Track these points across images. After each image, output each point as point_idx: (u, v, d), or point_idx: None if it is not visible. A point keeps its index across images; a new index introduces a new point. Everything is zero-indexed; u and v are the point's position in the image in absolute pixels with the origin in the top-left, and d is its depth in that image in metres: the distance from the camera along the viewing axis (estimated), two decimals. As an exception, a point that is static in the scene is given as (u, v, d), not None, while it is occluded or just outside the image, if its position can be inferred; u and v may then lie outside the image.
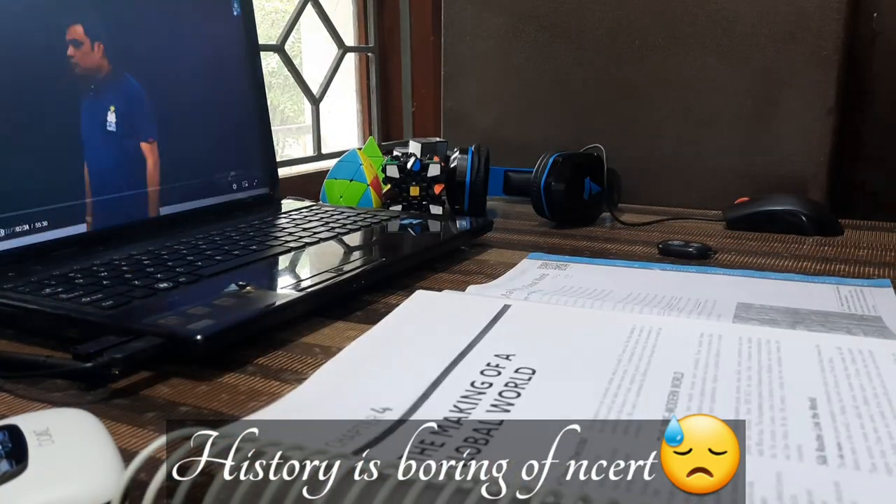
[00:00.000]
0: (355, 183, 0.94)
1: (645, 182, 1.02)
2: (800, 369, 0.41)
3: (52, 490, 0.30)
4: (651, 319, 0.49)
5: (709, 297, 0.58)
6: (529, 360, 0.43)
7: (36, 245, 0.64)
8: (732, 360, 0.43)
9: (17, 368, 0.46)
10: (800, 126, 0.95)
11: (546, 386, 0.40)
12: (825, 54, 0.92)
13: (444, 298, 0.55)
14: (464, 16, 1.13)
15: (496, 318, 0.49)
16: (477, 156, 0.89)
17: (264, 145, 0.89)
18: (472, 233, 0.79)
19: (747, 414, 0.36)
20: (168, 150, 0.77)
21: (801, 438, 0.34)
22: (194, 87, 0.81)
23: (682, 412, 0.36)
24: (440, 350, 0.44)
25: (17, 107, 0.64)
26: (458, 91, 1.16)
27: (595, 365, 0.42)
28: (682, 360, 0.42)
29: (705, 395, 0.38)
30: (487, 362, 0.43)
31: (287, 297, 0.55)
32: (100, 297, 0.53)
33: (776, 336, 0.46)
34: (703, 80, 0.99)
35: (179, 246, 0.67)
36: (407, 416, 0.36)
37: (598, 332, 0.47)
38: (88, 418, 0.36)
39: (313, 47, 1.39)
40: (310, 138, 1.30)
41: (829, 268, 0.70)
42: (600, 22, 1.03)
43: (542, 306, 0.54)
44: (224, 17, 0.85)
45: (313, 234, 0.73)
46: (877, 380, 0.40)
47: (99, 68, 0.71)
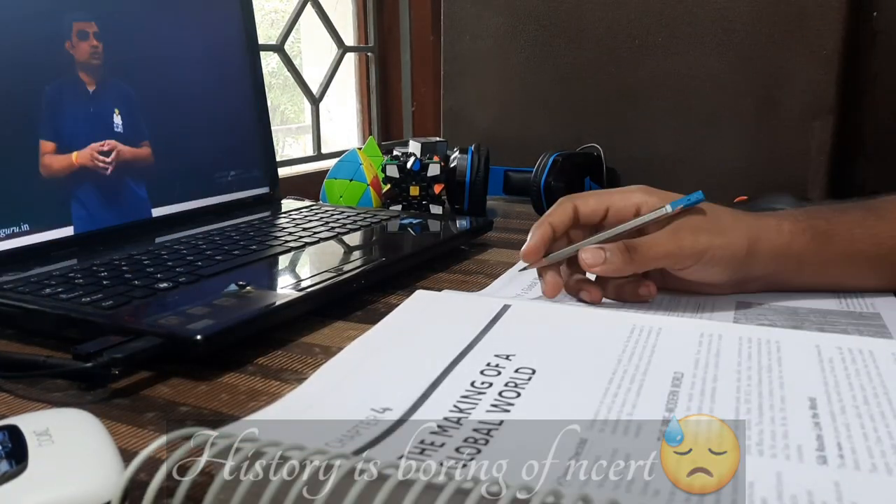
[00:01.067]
0: (355, 183, 0.94)
1: (645, 182, 1.02)
2: (800, 369, 0.41)
3: (52, 490, 0.30)
4: (651, 319, 0.49)
5: (708, 298, 0.58)
6: (529, 359, 0.43)
7: (36, 245, 0.64)
8: (732, 360, 0.42)
9: (17, 368, 0.46)
10: (799, 126, 0.95)
11: (546, 386, 0.39)
12: (825, 54, 0.92)
13: (444, 298, 0.55)
14: (464, 15, 1.13)
15: (496, 318, 0.49)
16: (477, 155, 0.89)
17: (264, 145, 0.89)
18: (471, 232, 0.79)
19: (747, 414, 0.36)
20: (168, 150, 0.77)
21: (802, 438, 0.34)
22: (194, 87, 0.81)
23: (682, 412, 0.36)
24: (440, 350, 0.44)
25: (18, 104, 0.65)
26: (458, 91, 1.16)
27: (595, 365, 0.42)
28: (683, 360, 0.42)
29: (705, 394, 0.38)
30: (487, 362, 0.42)
31: (287, 297, 0.55)
32: (100, 297, 0.53)
33: (776, 336, 0.46)
34: (703, 80, 0.99)
35: (179, 246, 0.67)
36: (407, 416, 0.36)
37: (598, 332, 0.47)
38: (88, 418, 0.36)
39: (313, 47, 1.39)
40: (310, 138, 1.30)
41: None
42: (600, 21, 1.03)
43: (542, 305, 0.54)
44: (224, 18, 0.85)
45: (313, 233, 0.73)
46: (877, 379, 0.40)
47: (98, 68, 0.71)
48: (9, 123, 0.64)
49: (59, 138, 0.67)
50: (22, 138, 0.65)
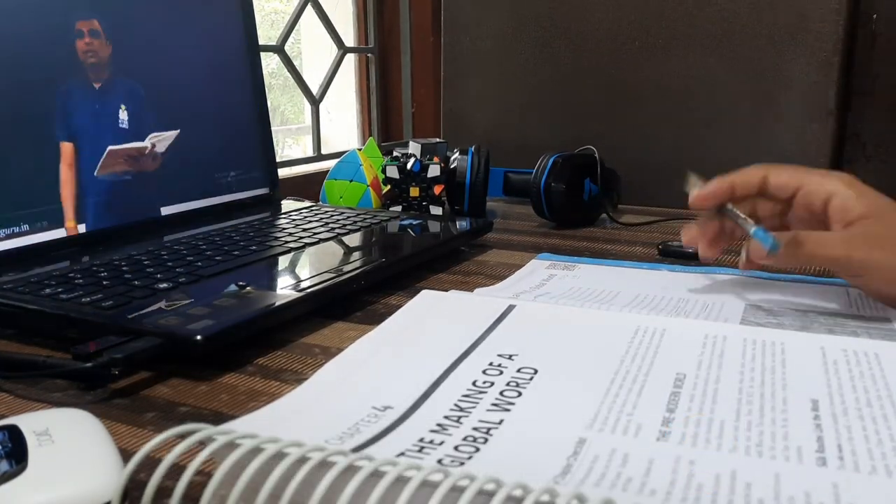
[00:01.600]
0: (355, 183, 0.94)
1: (645, 182, 1.02)
2: (803, 371, 0.41)
3: (52, 490, 0.30)
4: (656, 320, 0.49)
5: (717, 300, 0.58)
6: (532, 360, 0.43)
7: (36, 245, 0.64)
8: (736, 362, 0.42)
9: (17, 368, 0.46)
10: (799, 128, 0.95)
11: (547, 386, 0.40)
12: (825, 56, 0.92)
13: (449, 298, 0.54)
14: (464, 17, 1.13)
15: (500, 318, 0.49)
16: (477, 157, 0.89)
17: (264, 146, 0.89)
18: (471, 233, 0.79)
19: (748, 415, 0.36)
20: (167, 149, 0.77)
21: (802, 440, 0.34)
22: (194, 87, 0.81)
23: (683, 413, 0.36)
24: (443, 349, 0.44)
25: (20, 105, 0.65)
26: (457, 92, 1.16)
27: (597, 365, 0.42)
28: (685, 361, 0.42)
29: (707, 395, 0.38)
30: (490, 361, 0.43)
31: (287, 297, 0.55)
32: (100, 297, 0.53)
33: (781, 338, 0.46)
34: (703, 81, 0.99)
35: (179, 246, 0.67)
36: (408, 414, 0.36)
37: (601, 333, 0.47)
38: (88, 418, 0.36)
39: (313, 48, 1.39)
40: (310, 139, 1.30)
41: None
42: (600, 22, 1.04)
43: (546, 307, 0.54)
44: (224, 18, 0.85)
45: (313, 234, 0.73)
46: (881, 382, 0.40)
47: (101, 69, 0.71)
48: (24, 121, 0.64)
49: (73, 137, 0.68)
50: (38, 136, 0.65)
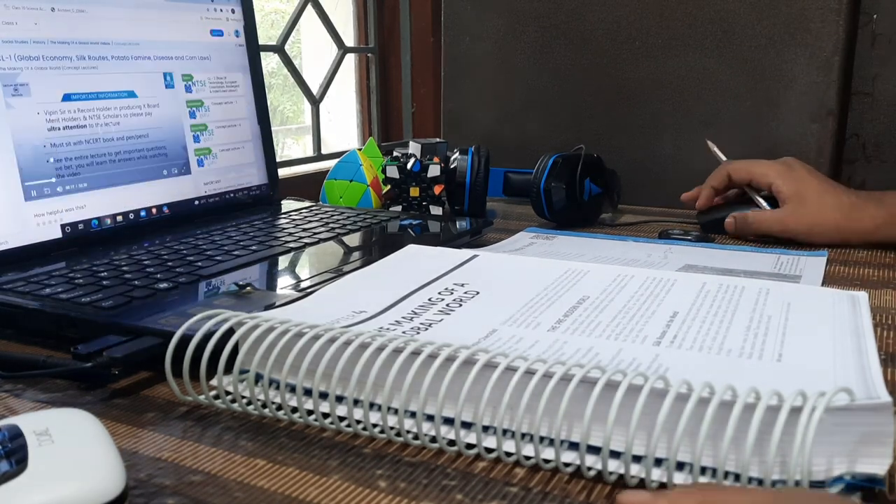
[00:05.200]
0: (355, 183, 0.94)
1: (645, 182, 1.02)
2: (680, 297, 0.51)
3: (52, 490, 0.30)
4: (582, 265, 0.58)
5: (663, 261, 0.69)
6: (477, 287, 0.54)
7: (36, 244, 0.64)
8: (632, 291, 0.52)
9: (17, 368, 0.46)
10: (799, 127, 0.95)
11: (483, 301, 0.51)
12: (825, 56, 0.92)
13: (426, 250, 0.63)
14: (464, 16, 1.13)
15: (464, 263, 0.59)
16: (477, 156, 0.89)
17: (264, 146, 0.89)
18: (471, 233, 0.79)
19: (621, 319, 0.47)
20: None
21: (649, 332, 0.45)
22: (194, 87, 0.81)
23: (573, 321, 0.47)
24: (412, 279, 0.55)
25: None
26: (457, 91, 1.16)
27: (525, 292, 0.52)
28: (592, 290, 0.53)
29: (597, 309, 0.49)
30: (445, 287, 0.54)
31: (287, 297, 0.55)
32: (99, 297, 0.53)
33: (676, 277, 0.55)
34: (702, 81, 0.99)
35: (179, 246, 0.67)
36: (375, 315, 0.48)
37: (537, 272, 0.57)
38: (88, 418, 0.36)
39: (313, 48, 1.39)
40: (309, 139, 1.30)
41: (833, 270, 0.70)
42: (600, 22, 1.04)
43: (503, 256, 0.64)
44: (224, 18, 0.85)
45: (313, 234, 0.73)
46: (734, 303, 0.49)
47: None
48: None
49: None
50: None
